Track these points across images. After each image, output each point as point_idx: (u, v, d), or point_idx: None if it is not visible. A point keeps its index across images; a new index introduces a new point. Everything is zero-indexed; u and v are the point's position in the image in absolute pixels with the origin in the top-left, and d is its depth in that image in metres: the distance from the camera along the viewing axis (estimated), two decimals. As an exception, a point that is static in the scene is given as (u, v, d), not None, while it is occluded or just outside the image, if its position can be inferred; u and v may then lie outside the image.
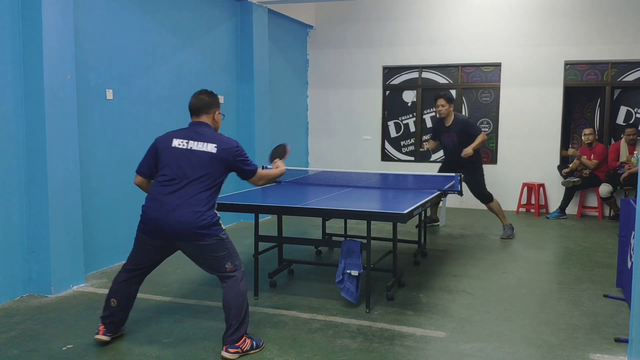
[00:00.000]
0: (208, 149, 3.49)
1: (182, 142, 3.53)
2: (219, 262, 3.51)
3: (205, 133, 3.57)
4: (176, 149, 3.51)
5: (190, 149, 3.50)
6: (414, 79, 9.52)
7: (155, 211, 3.46)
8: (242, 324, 3.49)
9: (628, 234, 4.45)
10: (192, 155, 3.48)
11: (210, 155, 3.48)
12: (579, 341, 3.77)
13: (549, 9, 8.61)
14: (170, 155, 3.52)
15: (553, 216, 8.37)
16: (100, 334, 3.62)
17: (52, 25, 4.57)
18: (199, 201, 3.42)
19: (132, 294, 3.70)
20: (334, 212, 4.50)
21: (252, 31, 7.64)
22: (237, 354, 3.45)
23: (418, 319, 4.14)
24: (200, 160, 3.47)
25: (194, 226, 3.38)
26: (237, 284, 3.51)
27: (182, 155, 3.49)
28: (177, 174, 3.47)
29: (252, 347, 3.53)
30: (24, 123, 4.57)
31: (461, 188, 5.41)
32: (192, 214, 3.38)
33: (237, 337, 3.47)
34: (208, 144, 3.51)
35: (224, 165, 3.53)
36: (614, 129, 8.75)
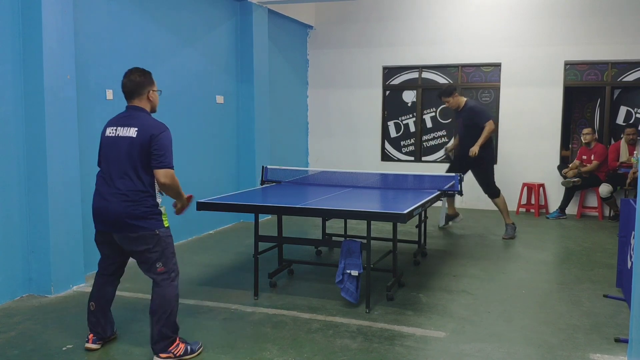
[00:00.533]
0: (129, 134, 3.30)
1: (112, 130, 3.40)
2: (149, 260, 3.36)
3: (134, 117, 3.38)
4: (108, 138, 3.41)
5: (117, 135, 3.35)
6: (414, 79, 9.52)
7: (95, 202, 3.41)
8: (170, 329, 3.38)
9: (628, 234, 4.45)
10: (118, 143, 3.33)
11: (131, 141, 3.29)
12: (578, 341, 3.77)
13: (549, 9, 8.61)
14: (103, 145, 3.44)
15: (553, 216, 8.37)
16: (89, 343, 3.57)
17: (52, 25, 4.57)
18: (129, 191, 3.28)
19: (108, 295, 3.61)
20: (334, 212, 4.50)
21: (252, 31, 7.64)
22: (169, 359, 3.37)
23: (418, 319, 4.14)
24: (123, 146, 3.30)
25: (124, 216, 3.27)
26: (163, 289, 3.37)
27: (111, 143, 3.36)
28: (109, 163, 3.36)
29: (187, 351, 3.42)
30: (24, 123, 4.57)
31: (461, 188, 5.41)
32: (122, 204, 3.27)
33: (167, 342, 3.37)
34: (131, 128, 3.32)
35: (143, 150, 3.27)
36: (614, 129, 8.76)
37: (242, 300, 4.53)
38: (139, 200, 3.30)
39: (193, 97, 6.77)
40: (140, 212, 3.30)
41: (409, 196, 4.95)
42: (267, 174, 5.92)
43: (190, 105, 6.70)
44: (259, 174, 6.04)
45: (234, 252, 6.19)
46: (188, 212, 3.68)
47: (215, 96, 7.28)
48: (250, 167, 7.54)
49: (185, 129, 6.57)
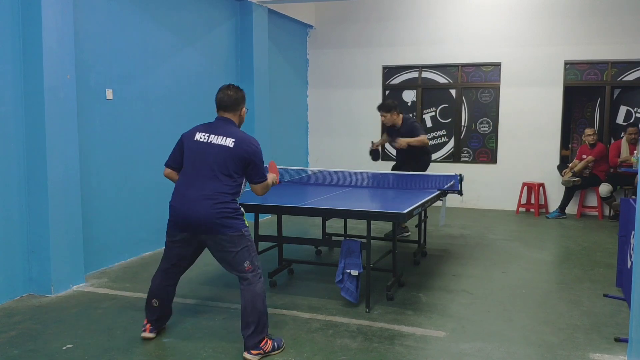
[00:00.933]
0: (226, 143, 3.50)
1: (203, 136, 3.56)
2: (238, 259, 3.49)
3: (227, 128, 3.58)
4: (198, 142, 3.56)
5: (210, 142, 3.52)
6: (413, 78, 9.52)
7: (178, 204, 3.52)
8: (261, 326, 3.48)
9: (628, 233, 4.45)
10: (211, 149, 3.50)
11: (228, 150, 3.48)
12: (578, 341, 3.77)
13: (549, 9, 8.61)
14: (192, 148, 3.57)
15: (553, 216, 8.37)
16: (147, 332, 3.73)
17: (52, 25, 4.57)
18: (217, 194, 3.43)
19: (170, 293, 3.77)
20: (333, 212, 4.51)
21: (252, 31, 7.64)
22: (259, 356, 3.45)
23: (418, 319, 4.15)
24: (219, 153, 3.48)
25: (213, 217, 3.40)
26: (254, 286, 3.49)
27: (203, 148, 3.53)
28: (197, 167, 3.51)
29: (274, 348, 3.53)
30: (24, 123, 4.58)
31: (461, 188, 5.41)
32: (211, 207, 3.40)
33: (258, 339, 3.46)
34: (227, 138, 3.51)
35: (240, 161, 3.50)
36: (614, 128, 8.75)
37: (242, 300, 4.53)
38: (226, 202, 3.45)
39: (193, 96, 6.77)
40: (227, 214, 3.44)
41: (409, 196, 4.95)
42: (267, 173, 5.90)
43: (190, 105, 6.70)
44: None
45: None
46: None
47: (215, 96, 7.27)
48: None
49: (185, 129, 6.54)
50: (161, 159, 5.85)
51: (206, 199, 3.42)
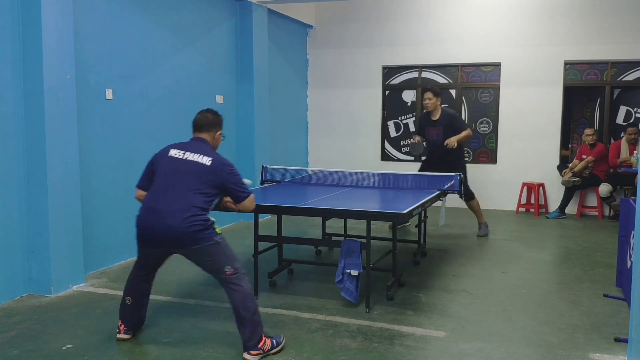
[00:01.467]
0: (203, 161, 3.53)
1: (178, 152, 3.60)
2: (218, 266, 3.49)
3: (203, 148, 3.63)
4: (172, 158, 3.58)
5: (186, 159, 3.56)
6: (413, 78, 9.52)
7: (147, 220, 3.48)
8: (255, 325, 3.48)
9: (628, 233, 4.45)
10: (186, 165, 3.53)
11: (204, 167, 3.51)
12: (578, 341, 3.77)
13: (549, 9, 8.61)
14: (165, 164, 3.58)
15: (553, 216, 8.37)
16: (121, 334, 3.73)
17: (52, 25, 4.57)
18: (189, 207, 3.40)
19: (144, 291, 3.78)
20: (333, 212, 4.50)
21: (251, 31, 7.64)
22: (259, 356, 3.45)
23: (418, 319, 4.15)
24: (194, 170, 3.51)
25: (185, 231, 3.38)
26: (239, 287, 3.49)
27: (177, 164, 3.55)
28: (169, 182, 3.51)
29: (273, 345, 3.53)
30: (23, 123, 4.57)
31: (461, 188, 5.41)
32: (182, 220, 3.37)
33: (257, 339, 3.46)
34: (204, 156, 3.55)
35: (215, 180, 3.52)
36: (614, 128, 8.76)
37: (242, 300, 4.53)
38: (196, 215, 3.42)
39: (193, 96, 6.77)
40: (199, 227, 3.42)
41: (409, 196, 4.95)
42: (267, 174, 5.92)
43: (190, 105, 6.69)
44: (259, 174, 6.04)
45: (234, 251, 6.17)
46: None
47: (215, 96, 7.28)
48: (250, 167, 7.54)
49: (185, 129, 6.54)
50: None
51: (177, 213, 3.38)
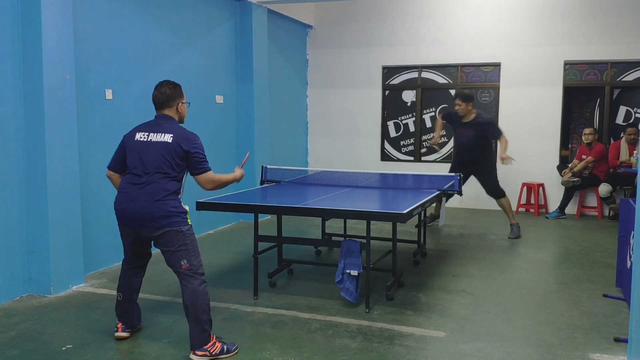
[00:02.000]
0: (164, 139, 3.52)
1: (143, 135, 3.60)
2: (175, 256, 3.49)
3: (165, 125, 3.60)
4: (138, 142, 3.58)
5: (150, 140, 3.55)
6: (413, 78, 9.52)
7: (121, 202, 3.57)
8: (202, 323, 3.45)
9: (627, 233, 4.45)
10: (150, 147, 3.53)
11: (166, 145, 3.50)
12: (578, 341, 3.77)
13: (549, 9, 8.61)
14: (133, 148, 3.59)
15: (552, 216, 8.37)
16: (119, 332, 3.74)
17: (52, 25, 4.57)
18: (157, 191, 3.45)
19: (134, 285, 3.78)
20: (333, 212, 4.50)
21: (251, 31, 7.64)
22: (205, 358, 3.42)
23: (417, 319, 4.15)
24: (158, 151, 3.50)
25: (152, 215, 3.43)
26: (191, 284, 3.48)
27: (143, 147, 3.55)
28: (138, 166, 3.53)
29: (223, 351, 3.46)
30: (23, 123, 4.57)
31: (460, 188, 5.41)
32: (150, 203, 3.44)
33: (202, 339, 3.44)
34: (165, 134, 3.54)
35: (178, 156, 3.51)
36: (614, 128, 8.76)
37: (242, 300, 4.53)
38: (165, 199, 3.46)
39: (193, 96, 6.75)
40: (166, 212, 3.45)
41: (409, 196, 4.95)
42: (267, 174, 5.92)
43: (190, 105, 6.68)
44: (259, 174, 6.04)
45: (234, 252, 6.19)
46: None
47: (215, 96, 7.28)
48: (250, 167, 7.54)
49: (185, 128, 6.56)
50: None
51: (146, 195, 3.45)
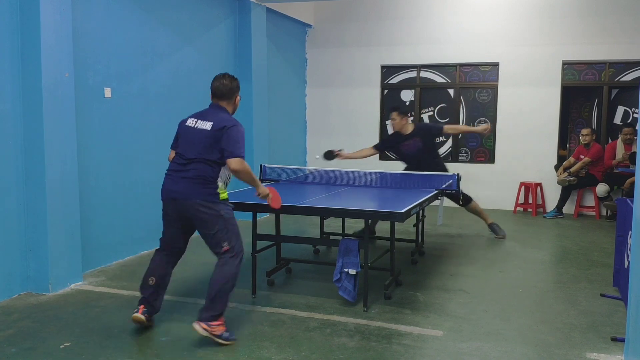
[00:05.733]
0: (206, 127, 3.66)
1: (192, 121, 3.75)
2: (216, 239, 3.65)
3: (215, 113, 3.74)
4: (187, 127, 3.75)
5: (196, 127, 3.70)
6: (412, 78, 9.53)
7: (166, 184, 3.74)
8: (219, 303, 3.58)
9: (625, 233, 4.46)
10: (195, 133, 3.68)
11: (205, 133, 3.64)
12: (575, 340, 3.78)
13: (547, 9, 8.62)
14: (182, 133, 3.78)
15: (550, 215, 8.39)
16: (139, 313, 3.75)
17: (50, 23, 4.56)
18: (198, 176, 3.62)
19: (167, 273, 3.88)
20: (331, 211, 4.51)
21: (250, 30, 7.64)
22: (205, 331, 3.54)
23: (415, 318, 4.15)
24: (200, 138, 3.65)
25: (193, 199, 3.60)
26: (227, 266, 3.63)
27: (189, 133, 3.72)
28: (184, 150, 3.71)
29: (222, 336, 3.59)
30: (21, 121, 4.57)
31: (459, 187, 5.42)
32: (192, 188, 3.61)
33: (211, 314, 3.56)
34: (207, 122, 3.67)
35: (215, 140, 3.61)
36: (612, 128, 8.78)
37: (240, 299, 4.53)
38: (206, 184, 3.63)
39: (191, 95, 6.76)
40: (206, 196, 3.62)
41: (407, 195, 4.95)
42: (266, 173, 5.92)
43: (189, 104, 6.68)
44: (258, 173, 6.05)
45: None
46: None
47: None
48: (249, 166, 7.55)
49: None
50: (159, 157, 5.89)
51: (187, 180, 3.63)
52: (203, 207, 3.60)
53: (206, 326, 3.53)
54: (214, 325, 3.55)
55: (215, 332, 3.56)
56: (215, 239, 3.65)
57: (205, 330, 3.53)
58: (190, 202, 3.61)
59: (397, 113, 6.48)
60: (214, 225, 3.62)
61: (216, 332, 3.56)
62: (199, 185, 3.61)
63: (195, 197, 3.59)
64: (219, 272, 3.63)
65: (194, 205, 3.60)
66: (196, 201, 3.60)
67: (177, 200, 3.66)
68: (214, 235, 3.64)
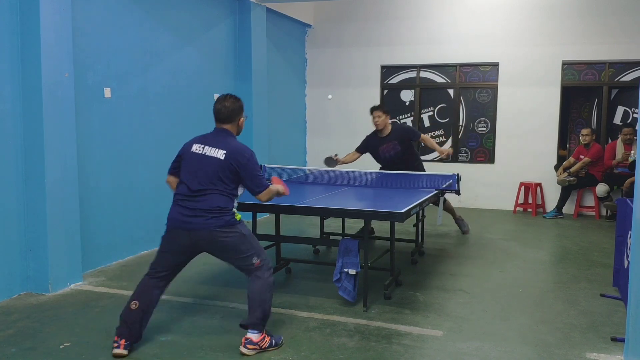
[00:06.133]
0: (218, 155, 3.52)
1: (199, 147, 3.59)
2: (245, 258, 3.55)
3: (221, 139, 3.59)
4: (194, 154, 3.58)
5: (204, 154, 3.55)
6: (411, 78, 9.53)
7: (177, 214, 3.53)
8: (262, 312, 3.52)
9: (625, 233, 4.46)
10: (205, 161, 3.53)
11: (219, 162, 3.50)
12: (575, 340, 3.79)
13: (547, 9, 8.62)
14: (188, 160, 3.60)
15: (550, 215, 8.39)
16: (121, 349, 3.46)
17: (50, 23, 4.56)
18: (213, 207, 3.47)
19: (154, 298, 3.61)
20: (331, 211, 4.51)
21: (250, 30, 7.64)
22: (254, 351, 3.49)
23: (415, 318, 4.16)
24: (212, 166, 3.50)
25: (211, 229, 3.45)
26: (262, 276, 3.56)
27: (198, 160, 3.55)
28: (193, 179, 3.52)
29: (271, 344, 3.57)
30: (21, 121, 4.57)
31: (459, 187, 5.42)
32: (208, 218, 3.45)
33: (254, 321, 3.50)
34: (219, 150, 3.53)
35: (231, 173, 3.51)
36: (612, 129, 8.78)
37: (240, 299, 4.53)
38: (221, 213, 3.49)
39: (191, 95, 6.76)
40: (224, 223, 3.48)
41: (407, 195, 4.95)
42: (266, 173, 5.91)
43: (189, 104, 6.70)
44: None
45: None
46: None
47: (213, 95, 7.26)
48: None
49: (183, 128, 6.56)
50: (159, 157, 5.90)
51: (203, 212, 3.45)
52: (223, 233, 3.47)
53: (253, 346, 3.48)
54: (259, 342, 3.50)
55: (264, 345, 3.52)
56: (245, 260, 3.55)
57: (254, 349, 3.48)
58: (208, 231, 3.45)
59: (381, 111, 6.37)
60: (239, 246, 3.52)
61: (265, 345, 3.52)
62: (216, 215, 3.46)
63: (214, 227, 3.45)
64: (258, 286, 3.54)
65: (213, 234, 3.46)
66: (215, 230, 3.45)
67: (193, 232, 3.47)
68: (244, 257, 3.54)
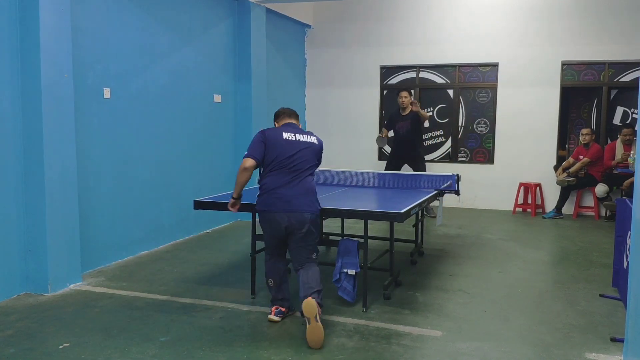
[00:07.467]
0: (312, 140, 4.05)
1: (290, 135, 3.99)
2: (311, 249, 3.95)
3: (303, 130, 4.14)
4: (288, 141, 3.95)
5: (299, 140, 3.98)
6: (411, 78, 9.53)
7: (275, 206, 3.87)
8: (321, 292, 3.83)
9: (624, 234, 4.46)
10: (303, 146, 3.96)
11: (315, 146, 4.04)
12: (574, 340, 3.79)
13: (547, 10, 8.63)
14: (281, 146, 3.92)
15: (549, 216, 8.39)
16: (272, 314, 4.03)
17: (49, 24, 4.56)
18: (309, 189, 3.92)
19: (281, 270, 4.11)
20: (331, 212, 4.50)
21: (249, 30, 7.64)
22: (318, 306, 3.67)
23: (415, 318, 4.16)
24: (308, 150, 3.97)
25: (308, 214, 3.87)
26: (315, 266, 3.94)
27: (293, 145, 3.93)
28: (290, 164, 3.90)
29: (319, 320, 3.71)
30: (21, 121, 4.57)
31: (458, 188, 5.42)
32: (307, 204, 3.89)
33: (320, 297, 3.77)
34: (310, 136, 4.07)
35: (318, 156, 4.07)
36: (611, 129, 8.78)
37: (239, 299, 4.54)
38: (315, 199, 3.98)
39: (191, 95, 6.77)
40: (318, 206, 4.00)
41: (406, 195, 4.96)
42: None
43: (188, 104, 6.70)
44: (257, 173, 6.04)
45: (231, 250, 6.19)
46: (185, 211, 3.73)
47: (213, 95, 7.28)
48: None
49: (183, 128, 6.57)
50: (159, 157, 5.90)
51: (303, 196, 3.86)
52: (316, 219, 3.93)
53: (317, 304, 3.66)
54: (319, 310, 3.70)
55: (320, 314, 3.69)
56: (313, 247, 3.95)
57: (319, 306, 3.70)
58: (306, 214, 3.85)
59: (407, 92, 8.15)
60: (316, 235, 3.96)
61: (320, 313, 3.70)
62: (313, 197, 3.92)
63: (311, 209, 3.88)
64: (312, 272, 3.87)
65: (308, 218, 3.85)
66: (311, 213, 3.87)
67: (294, 213, 3.84)
68: (314, 244, 3.96)
